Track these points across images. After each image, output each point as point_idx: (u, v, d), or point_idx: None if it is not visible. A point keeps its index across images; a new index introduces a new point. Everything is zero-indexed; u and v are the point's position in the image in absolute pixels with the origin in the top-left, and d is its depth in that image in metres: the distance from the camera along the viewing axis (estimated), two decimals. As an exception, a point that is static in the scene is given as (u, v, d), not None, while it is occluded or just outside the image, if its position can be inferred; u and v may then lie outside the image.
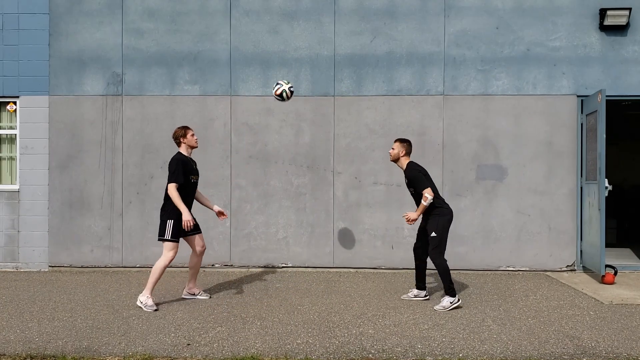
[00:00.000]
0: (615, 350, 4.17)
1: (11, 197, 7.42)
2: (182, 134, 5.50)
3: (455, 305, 5.29)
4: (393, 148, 5.57)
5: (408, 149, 5.55)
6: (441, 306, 5.29)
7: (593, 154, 6.83)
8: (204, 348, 4.19)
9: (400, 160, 5.54)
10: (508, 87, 7.20)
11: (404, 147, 5.52)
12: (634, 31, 7.13)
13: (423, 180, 5.33)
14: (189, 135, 5.52)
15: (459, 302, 5.32)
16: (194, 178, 5.53)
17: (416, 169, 5.43)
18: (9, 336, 4.49)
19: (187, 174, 5.39)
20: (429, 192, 5.25)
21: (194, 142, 5.57)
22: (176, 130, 5.56)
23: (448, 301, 5.29)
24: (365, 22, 7.27)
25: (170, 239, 5.30)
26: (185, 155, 5.52)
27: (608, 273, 6.50)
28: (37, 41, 7.40)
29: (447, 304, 5.28)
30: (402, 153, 5.51)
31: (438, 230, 5.32)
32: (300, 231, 7.31)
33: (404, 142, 5.57)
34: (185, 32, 7.37)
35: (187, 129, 5.54)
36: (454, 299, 5.31)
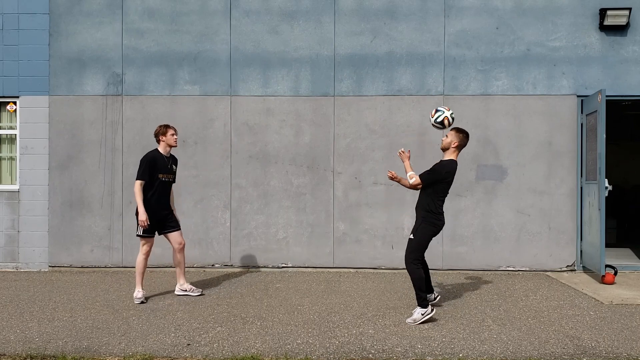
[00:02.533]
0: (615, 350, 4.17)
1: (11, 197, 7.42)
2: (161, 132, 5.64)
3: (427, 317, 4.79)
4: (447, 136, 4.97)
5: (462, 142, 4.93)
6: (412, 319, 4.81)
7: (593, 154, 6.83)
8: (204, 348, 4.19)
9: (448, 151, 4.96)
10: (508, 87, 7.20)
11: (458, 138, 4.92)
12: (634, 31, 7.13)
13: (431, 177, 4.83)
14: (168, 134, 5.63)
15: (432, 312, 4.81)
16: (164, 177, 5.61)
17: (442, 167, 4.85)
18: (9, 336, 4.49)
19: (155, 172, 5.53)
20: (415, 180, 4.83)
21: (173, 141, 5.67)
22: (157, 128, 5.71)
23: (419, 313, 4.81)
24: (365, 22, 7.27)
25: (140, 235, 5.53)
26: (161, 152, 5.64)
27: (608, 273, 6.50)
28: (37, 41, 7.40)
29: (417, 316, 4.80)
30: (454, 144, 4.92)
31: (417, 234, 4.90)
32: (300, 231, 7.31)
33: (460, 132, 4.94)
34: (185, 32, 7.37)
35: (168, 128, 5.67)
36: (425, 310, 4.81)
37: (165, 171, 5.63)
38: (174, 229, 5.72)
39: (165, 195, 5.69)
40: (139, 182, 5.45)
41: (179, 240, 5.74)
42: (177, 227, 5.76)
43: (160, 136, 5.65)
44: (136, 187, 5.44)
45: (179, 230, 5.77)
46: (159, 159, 5.59)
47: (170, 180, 5.74)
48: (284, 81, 7.31)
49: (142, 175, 5.46)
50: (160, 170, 5.57)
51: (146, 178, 5.46)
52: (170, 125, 5.72)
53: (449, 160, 4.93)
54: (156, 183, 5.55)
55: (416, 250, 4.92)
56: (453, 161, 4.93)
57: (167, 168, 5.65)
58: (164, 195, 5.66)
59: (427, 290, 5.21)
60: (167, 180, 5.67)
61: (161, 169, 5.58)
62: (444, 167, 4.86)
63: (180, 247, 5.75)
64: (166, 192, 5.69)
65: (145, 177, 5.46)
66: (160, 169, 5.57)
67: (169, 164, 5.70)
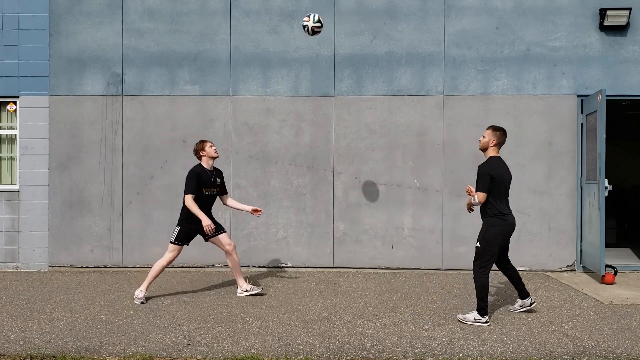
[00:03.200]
0: (615, 350, 4.17)
1: (11, 197, 7.42)
2: (200, 148, 5.66)
3: (478, 324, 4.75)
4: (484, 136, 4.95)
5: (500, 139, 4.91)
6: (463, 316, 4.84)
7: (593, 154, 6.83)
8: (204, 348, 4.19)
9: (487, 150, 4.92)
10: (508, 87, 7.20)
11: (495, 136, 4.89)
12: (634, 31, 7.13)
13: (484, 183, 4.74)
14: (207, 147, 5.66)
15: (486, 324, 4.75)
16: (208, 191, 5.64)
17: (488, 168, 4.78)
18: (9, 336, 4.49)
19: (200, 186, 5.55)
20: (479, 197, 4.74)
21: (213, 152, 5.68)
22: (195, 146, 5.73)
23: (473, 317, 4.78)
24: (365, 22, 7.27)
25: (173, 241, 5.58)
26: (205, 167, 5.66)
27: (608, 273, 6.50)
28: (37, 41, 7.40)
29: (470, 318, 4.79)
30: (492, 142, 4.89)
31: (484, 242, 4.80)
32: (300, 231, 7.31)
33: (496, 130, 4.92)
34: (185, 32, 7.37)
35: (204, 142, 5.70)
36: (481, 318, 4.75)
37: (210, 185, 5.65)
38: (220, 232, 5.70)
39: (209, 209, 5.71)
40: (188, 195, 5.48)
41: (228, 241, 5.74)
42: (223, 229, 5.76)
43: (200, 152, 5.66)
44: (187, 200, 5.48)
45: (225, 232, 5.76)
46: (203, 174, 5.62)
47: (215, 194, 5.75)
48: (284, 81, 7.31)
49: (192, 189, 5.49)
50: (205, 184, 5.60)
51: (195, 192, 5.50)
52: (206, 140, 5.79)
53: (489, 158, 4.89)
54: (201, 197, 5.58)
55: (481, 257, 4.80)
56: (493, 158, 4.87)
57: (211, 182, 5.68)
58: (208, 209, 5.70)
59: (523, 295, 5.12)
60: (211, 194, 5.70)
61: (205, 183, 5.61)
62: (486, 167, 4.80)
63: (231, 248, 5.75)
64: (209, 204, 5.72)
65: (194, 190, 5.49)
66: (204, 183, 5.59)
67: (213, 177, 5.71)
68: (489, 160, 4.87)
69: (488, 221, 4.82)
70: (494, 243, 4.78)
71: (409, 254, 7.25)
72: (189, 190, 5.51)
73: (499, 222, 4.78)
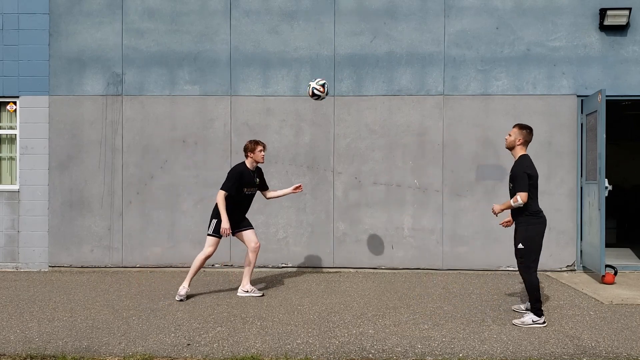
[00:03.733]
0: (615, 350, 4.17)
1: (11, 197, 7.42)
2: (250, 148, 5.69)
3: (538, 326, 4.70)
4: (510, 134, 4.93)
5: (527, 138, 4.89)
6: (520, 321, 4.76)
7: (593, 154, 6.83)
8: (204, 348, 4.19)
9: (515, 149, 4.90)
10: (508, 87, 7.20)
11: (522, 134, 4.86)
12: (634, 31, 7.13)
13: (524, 182, 4.70)
14: (257, 150, 5.69)
15: (544, 324, 4.72)
16: (248, 190, 5.73)
17: (524, 168, 4.74)
18: (9, 336, 4.49)
19: (241, 186, 5.62)
20: (523, 197, 4.67)
21: (260, 158, 5.73)
22: (246, 143, 5.78)
23: (530, 319, 4.73)
24: (365, 22, 7.27)
25: (210, 234, 5.63)
26: (247, 167, 5.72)
27: (608, 273, 6.50)
28: (37, 41, 7.40)
29: (528, 321, 4.73)
30: (518, 141, 4.86)
31: (526, 242, 4.75)
32: (300, 231, 7.31)
33: (523, 128, 4.90)
34: (185, 32, 7.37)
35: (257, 144, 5.72)
36: (538, 319, 4.72)
37: (251, 185, 5.72)
38: (247, 228, 5.80)
39: (246, 207, 5.83)
40: (222, 192, 5.53)
41: (254, 239, 5.80)
42: (250, 226, 5.86)
43: (249, 153, 5.70)
44: (218, 196, 5.53)
45: (252, 229, 5.85)
46: (246, 174, 5.67)
47: (254, 192, 5.84)
48: (284, 81, 7.31)
49: (228, 188, 5.54)
50: (246, 184, 5.67)
51: (232, 191, 5.55)
52: (259, 142, 5.76)
53: (520, 158, 4.85)
54: (241, 195, 5.66)
55: (527, 257, 4.75)
56: (524, 157, 4.84)
57: (252, 182, 5.74)
58: (244, 206, 5.81)
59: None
60: (251, 193, 5.79)
61: (248, 183, 5.68)
62: (522, 167, 4.76)
63: (255, 246, 5.79)
64: (249, 203, 5.82)
65: (231, 190, 5.55)
66: (245, 183, 5.66)
67: (254, 176, 5.78)
68: (521, 160, 4.83)
69: (526, 220, 4.78)
70: (536, 241, 4.76)
71: (409, 254, 7.25)
72: (225, 187, 5.55)
73: (536, 220, 4.77)
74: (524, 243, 4.77)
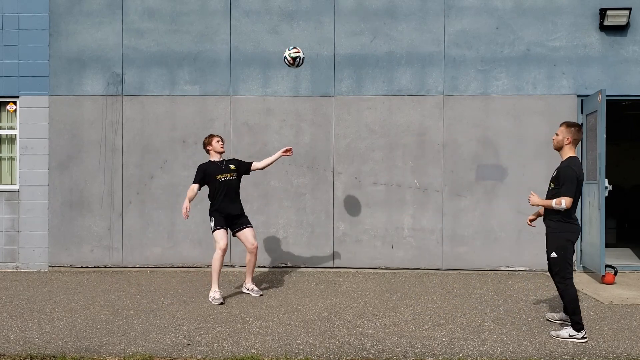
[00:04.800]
0: (615, 350, 4.17)
1: (11, 197, 7.42)
2: (207, 142, 5.91)
3: (574, 340, 4.36)
4: (557, 134, 4.58)
5: (575, 136, 4.52)
6: (556, 333, 4.47)
7: (593, 154, 6.83)
8: (204, 348, 4.19)
9: (563, 149, 4.55)
10: (508, 87, 7.20)
11: (570, 132, 4.51)
12: (634, 31, 7.13)
13: (571, 187, 4.37)
14: (213, 142, 5.87)
15: (583, 340, 4.36)
16: (221, 177, 5.80)
17: (574, 171, 4.41)
18: (9, 336, 4.49)
19: (210, 176, 5.76)
20: (568, 202, 4.34)
21: (219, 147, 5.87)
22: (203, 140, 5.99)
23: (567, 333, 4.40)
24: (365, 22, 7.27)
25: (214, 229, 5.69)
26: (212, 161, 5.86)
27: (608, 273, 6.50)
28: (37, 41, 7.40)
29: (565, 334, 4.41)
30: (567, 140, 4.52)
31: (559, 250, 4.43)
32: (300, 231, 7.31)
33: (571, 126, 4.54)
34: (185, 32, 7.37)
35: (212, 136, 5.91)
36: (577, 334, 4.37)
37: (221, 172, 5.81)
38: (245, 226, 5.85)
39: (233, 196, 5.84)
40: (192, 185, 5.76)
41: (251, 240, 5.82)
42: (248, 224, 5.90)
43: (208, 146, 5.90)
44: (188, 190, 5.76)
45: (251, 227, 5.90)
46: (210, 166, 5.82)
47: (234, 178, 5.86)
48: (284, 81, 7.31)
49: (195, 180, 5.78)
50: (216, 173, 5.78)
51: (198, 182, 5.76)
52: (214, 134, 5.96)
53: (569, 159, 4.51)
54: (218, 184, 5.75)
55: (563, 267, 4.44)
56: (572, 158, 4.51)
57: (222, 170, 5.82)
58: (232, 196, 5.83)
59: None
60: (228, 179, 5.81)
61: (215, 172, 5.78)
62: (572, 170, 4.42)
63: (252, 247, 5.82)
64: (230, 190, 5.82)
65: (198, 181, 5.76)
66: (214, 172, 5.78)
67: (224, 165, 5.87)
68: (571, 161, 4.48)
69: (559, 226, 4.46)
70: (569, 249, 4.45)
71: (409, 254, 7.25)
72: (193, 180, 5.79)
73: (570, 227, 4.46)
74: (557, 252, 4.45)
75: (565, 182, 4.40)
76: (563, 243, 4.44)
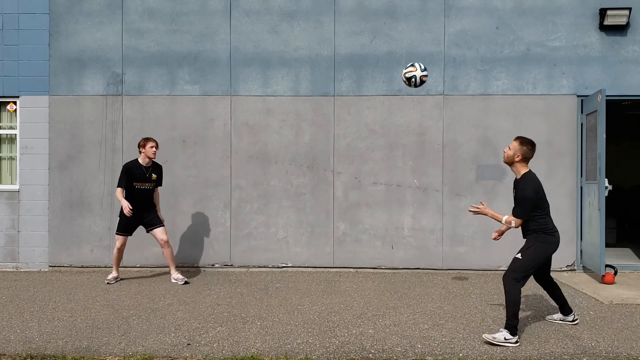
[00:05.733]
0: (615, 350, 4.17)
1: (11, 197, 7.42)
2: (141, 144, 6.37)
3: (509, 345, 4.22)
4: (509, 147, 4.49)
5: (527, 154, 4.43)
6: (492, 336, 4.27)
7: (593, 153, 6.83)
8: (204, 348, 4.19)
9: (515, 165, 4.48)
10: (508, 87, 7.20)
11: (522, 150, 4.42)
12: (634, 31, 7.13)
13: (527, 208, 4.35)
14: (147, 146, 6.33)
15: (515, 344, 4.23)
16: (138, 185, 6.33)
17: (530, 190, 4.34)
18: (9, 336, 4.49)
19: (131, 180, 6.27)
20: (517, 223, 4.37)
21: (151, 153, 6.35)
22: (139, 141, 6.46)
23: (503, 336, 4.25)
24: (365, 22, 7.27)
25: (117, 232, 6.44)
26: (140, 162, 6.38)
27: (608, 273, 6.50)
28: (37, 41, 7.40)
29: (500, 337, 4.25)
30: (517, 157, 4.44)
31: (526, 255, 4.40)
32: (300, 231, 7.31)
33: (524, 144, 4.43)
34: (185, 32, 7.37)
35: (148, 141, 6.36)
36: (511, 338, 4.23)
37: (142, 180, 6.34)
38: (157, 226, 6.47)
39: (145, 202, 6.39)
40: (118, 188, 6.28)
41: (161, 237, 6.43)
42: (159, 224, 6.48)
43: (140, 148, 6.36)
44: (117, 193, 6.28)
45: (163, 227, 6.50)
46: (136, 168, 6.31)
47: (150, 188, 6.42)
48: (284, 81, 7.31)
49: (120, 183, 6.27)
50: (137, 179, 6.30)
51: (123, 186, 6.26)
52: (150, 139, 6.39)
53: (523, 177, 4.45)
54: (134, 191, 6.30)
55: (519, 271, 4.37)
56: (527, 175, 4.43)
57: (144, 177, 6.36)
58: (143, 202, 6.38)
59: (565, 310, 4.80)
60: (144, 188, 6.36)
61: (138, 178, 6.31)
62: (531, 188, 4.35)
63: (163, 242, 6.44)
64: (145, 198, 6.40)
65: (123, 184, 6.26)
66: (136, 178, 6.29)
67: (148, 172, 6.39)
68: (526, 180, 4.40)
69: (536, 237, 4.44)
70: (536, 259, 4.42)
71: (409, 254, 7.25)
72: (118, 184, 6.30)
73: (548, 239, 4.44)
74: (523, 255, 4.43)
75: (520, 204, 4.38)
76: (536, 251, 4.42)
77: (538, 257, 4.44)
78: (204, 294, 5.94)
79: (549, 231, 4.47)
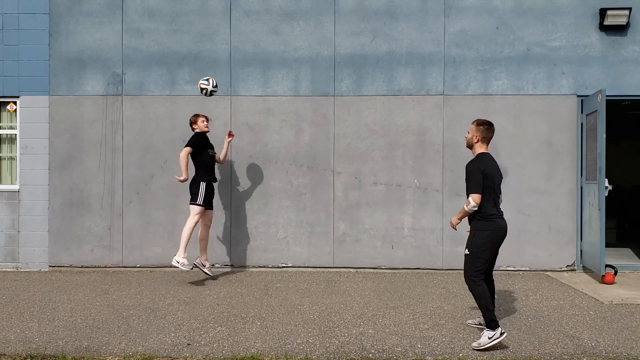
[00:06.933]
0: (615, 350, 4.17)
1: (11, 197, 7.42)
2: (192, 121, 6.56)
3: (496, 341, 4.09)
4: (468, 132, 4.53)
5: (485, 134, 4.42)
6: (477, 343, 4.15)
7: (593, 153, 6.83)
8: (204, 348, 4.20)
9: (474, 147, 4.49)
10: (508, 87, 7.20)
11: (479, 131, 4.42)
12: (634, 31, 7.13)
13: (475, 182, 4.29)
14: (199, 122, 6.52)
15: (502, 336, 4.11)
16: (211, 151, 6.59)
17: (477, 165, 4.34)
18: (9, 336, 4.49)
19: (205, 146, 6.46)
20: (475, 198, 4.26)
21: (204, 127, 6.53)
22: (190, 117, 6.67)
23: (486, 336, 4.12)
24: (365, 22, 7.27)
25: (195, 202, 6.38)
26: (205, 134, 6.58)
27: (608, 273, 6.50)
28: (37, 41, 7.40)
29: (484, 340, 4.11)
30: (476, 139, 4.44)
31: (471, 248, 4.32)
32: (300, 231, 7.31)
33: (480, 124, 4.43)
34: (185, 32, 7.37)
35: (198, 117, 6.54)
36: (494, 333, 4.10)
37: (212, 147, 6.59)
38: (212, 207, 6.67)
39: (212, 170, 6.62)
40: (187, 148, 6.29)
41: (209, 218, 6.63)
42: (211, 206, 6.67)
43: (193, 125, 6.53)
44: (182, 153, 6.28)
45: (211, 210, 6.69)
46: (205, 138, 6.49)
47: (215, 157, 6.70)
48: (284, 81, 7.31)
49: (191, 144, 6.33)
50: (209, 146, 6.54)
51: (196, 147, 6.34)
52: (199, 114, 6.59)
53: (477, 155, 4.44)
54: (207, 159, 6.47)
55: (472, 264, 4.30)
56: (482, 154, 4.42)
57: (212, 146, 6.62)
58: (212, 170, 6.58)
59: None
60: (215, 155, 6.64)
61: (209, 145, 6.54)
62: (478, 164, 4.34)
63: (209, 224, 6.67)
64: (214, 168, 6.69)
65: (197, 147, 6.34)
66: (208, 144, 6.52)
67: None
68: (477, 157, 4.41)
69: (475, 225, 4.36)
70: (483, 249, 4.29)
71: (409, 254, 7.25)
72: (188, 144, 6.33)
73: (487, 226, 4.31)
74: (469, 249, 4.33)
75: (468, 180, 4.35)
76: (478, 241, 4.29)
77: (484, 246, 4.29)
78: (204, 294, 5.94)
79: (489, 217, 4.32)
